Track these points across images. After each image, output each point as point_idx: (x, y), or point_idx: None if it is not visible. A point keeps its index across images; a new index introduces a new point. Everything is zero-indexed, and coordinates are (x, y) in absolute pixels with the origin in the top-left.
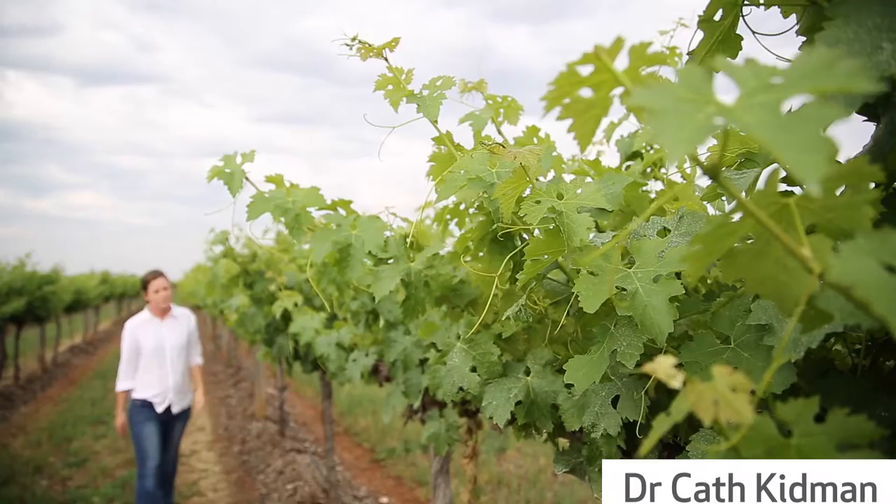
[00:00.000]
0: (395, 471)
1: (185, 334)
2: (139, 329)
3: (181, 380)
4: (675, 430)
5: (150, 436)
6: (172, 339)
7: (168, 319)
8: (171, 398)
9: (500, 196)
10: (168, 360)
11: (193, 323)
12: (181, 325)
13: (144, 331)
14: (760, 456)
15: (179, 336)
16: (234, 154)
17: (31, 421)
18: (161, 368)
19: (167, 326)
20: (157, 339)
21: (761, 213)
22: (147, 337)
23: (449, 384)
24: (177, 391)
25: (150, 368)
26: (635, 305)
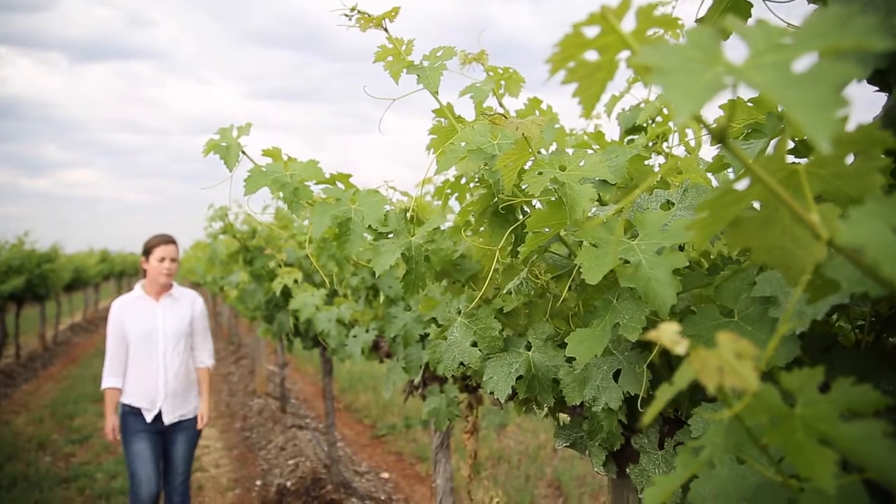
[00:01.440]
0: (395, 447)
1: (187, 320)
2: (126, 310)
3: (178, 379)
4: (675, 404)
5: (140, 455)
6: (168, 323)
7: (164, 299)
8: (162, 403)
9: (501, 168)
10: (160, 350)
11: (200, 308)
12: (182, 308)
13: (133, 312)
14: (764, 424)
15: (178, 321)
16: (230, 127)
17: (33, 398)
18: (150, 362)
19: (162, 307)
20: (148, 322)
21: (770, 179)
22: (135, 320)
23: (449, 359)
24: (171, 394)
25: (137, 362)
26: (638, 277)
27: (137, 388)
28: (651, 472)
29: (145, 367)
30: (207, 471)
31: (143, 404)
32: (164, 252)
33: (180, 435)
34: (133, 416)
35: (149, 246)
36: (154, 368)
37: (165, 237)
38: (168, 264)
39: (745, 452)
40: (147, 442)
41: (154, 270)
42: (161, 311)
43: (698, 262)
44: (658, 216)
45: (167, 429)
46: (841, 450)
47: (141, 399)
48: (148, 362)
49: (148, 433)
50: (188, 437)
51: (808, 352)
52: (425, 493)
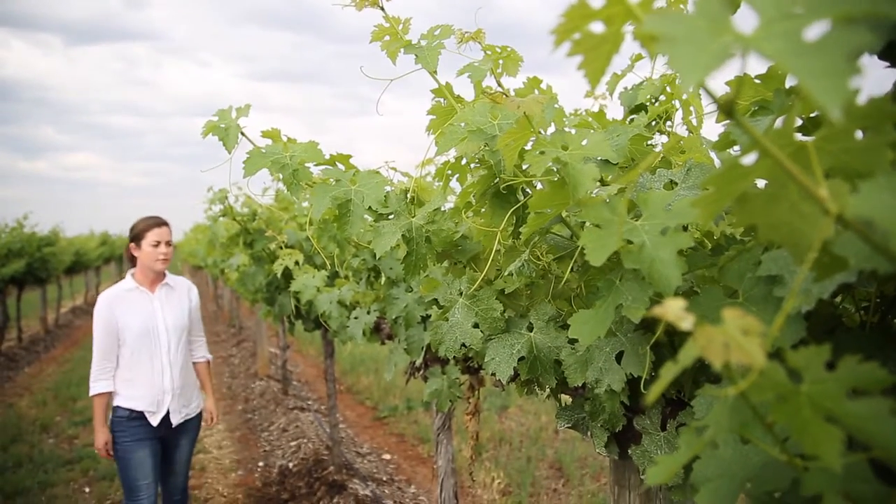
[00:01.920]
0: (397, 428)
1: (186, 311)
2: (119, 304)
3: (183, 376)
4: (678, 385)
5: (142, 465)
6: (169, 317)
7: (161, 289)
8: (170, 404)
9: (502, 147)
10: (164, 347)
11: (196, 298)
12: (180, 298)
13: (127, 307)
14: (769, 402)
15: (179, 314)
16: (229, 108)
17: (35, 381)
18: (154, 361)
19: (161, 299)
20: (148, 317)
21: (778, 152)
22: (132, 315)
23: (451, 340)
24: (178, 393)
25: (137, 362)
26: (642, 258)
27: (138, 390)
28: (653, 453)
29: (147, 366)
30: (210, 452)
31: (148, 407)
32: (157, 235)
33: (184, 436)
34: (132, 421)
35: (139, 230)
36: (158, 367)
37: (157, 219)
38: (164, 249)
39: (750, 431)
40: (150, 450)
41: (148, 257)
42: (160, 304)
43: (701, 244)
44: (662, 196)
45: (171, 432)
46: (847, 427)
47: (144, 402)
48: (150, 361)
49: (151, 440)
50: (192, 437)
51: (813, 333)
52: (427, 473)
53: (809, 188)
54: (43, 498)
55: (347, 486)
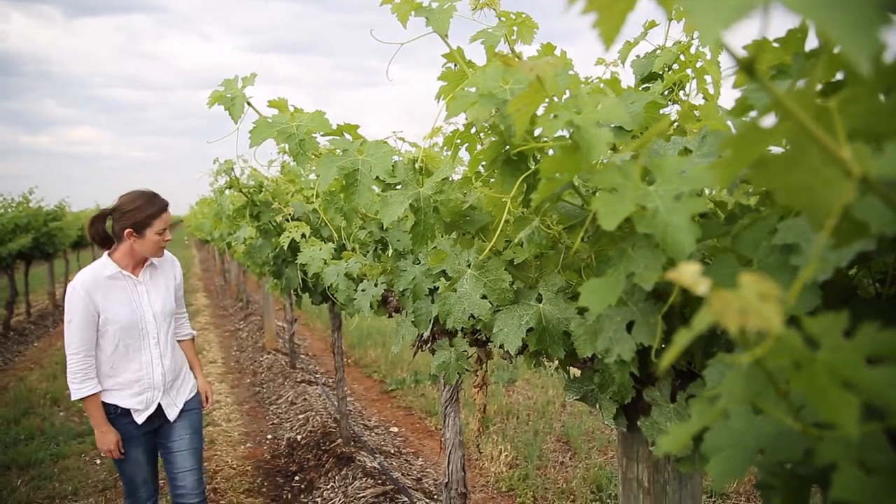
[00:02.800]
0: (405, 401)
1: (172, 292)
2: (99, 293)
3: (174, 366)
4: (689, 356)
5: (136, 463)
6: (156, 303)
7: (146, 271)
8: (160, 397)
9: (513, 111)
10: (153, 339)
11: (180, 273)
12: (166, 277)
13: (109, 295)
14: (785, 370)
15: (165, 297)
16: (235, 78)
17: (45, 355)
18: (142, 355)
19: (146, 283)
20: (133, 307)
21: (801, 111)
22: (114, 306)
23: (459, 311)
24: (169, 386)
25: (122, 358)
26: (655, 224)
27: (124, 386)
28: (662, 425)
29: (133, 360)
30: (219, 425)
31: (135, 405)
32: (164, 222)
33: (183, 424)
34: (120, 419)
35: (145, 217)
36: (146, 360)
37: (162, 201)
38: (168, 235)
39: (764, 401)
40: (143, 447)
41: (151, 247)
42: (145, 290)
43: (715, 214)
44: (676, 161)
45: (165, 423)
46: (865, 395)
47: (131, 399)
48: (137, 355)
49: (144, 436)
50: (193, 423)
51: (828, 303)
52: (434, 446)
53: (832, 150)
54: (55, 469)
55: (355, 459)
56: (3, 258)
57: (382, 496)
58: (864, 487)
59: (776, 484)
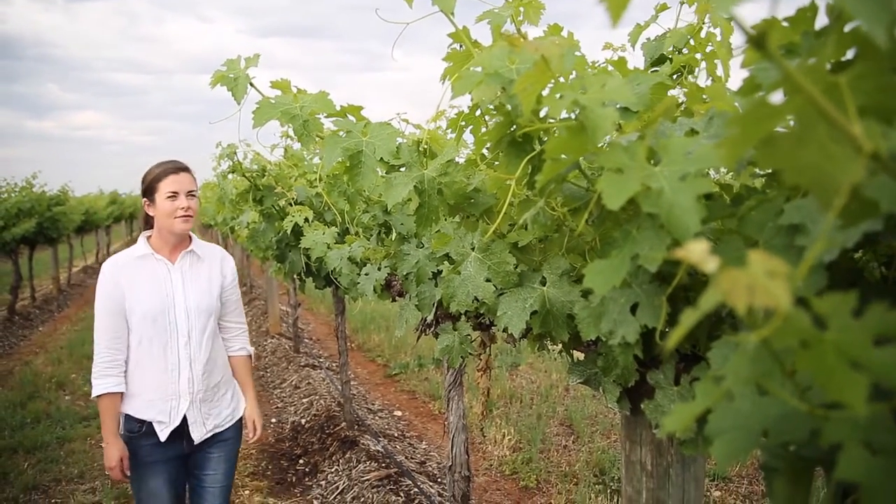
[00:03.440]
0: (408, 385)
1: (216, 290)
2: (127, 274)
3: (208, 377)
4: (693, 339)
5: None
6: (191, 295)
7: (183, 258)
8: (188, 411)
9: (519, 91)
10: (182, 336)
11: (232, 272)
12: (210, 272)
13: (137, 278)
14: (792, 350)
15: (205, 291)
16: (238, 59)
17: (50, 340)
18: (168, 354)
19: (183, 272)
20: (162, 294)
21: (811, 86)
22: (142, 290)
23: (463, 294)
24: (198, 399)
25: (146, 355)
26: (661, 204)
27: (146, 392)
28: (666, 408)
29: (158, 360)
30: None
31: (156, 415)
32: (175, 184)
33: (215, 452)
34: (144, 438)
35: (152, 180)
36: (174, 362)
37: (173, 162)
38: (184, 201)
39: (770, 381)
40: (165, 476)
41: (164, 214)
42: (180, 278)
43: (721, 196)
44: (682, 142)
45: (195, 449)
46: (874, 375)
47: (152, 409)
48: (163, 354)
49: (167, 462)
50: (227, 456)
51: (834, 286)
52: (438, 430)
53: (842, 125)
54: (61, 452)
55: (359, 442)
56: (7, 243)
57: (386, 479)
58: (870, 467)
59: (780, 466)
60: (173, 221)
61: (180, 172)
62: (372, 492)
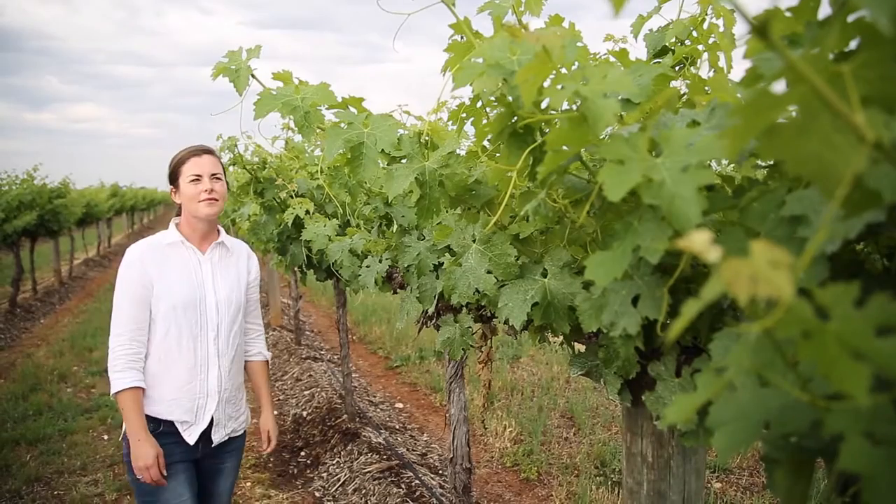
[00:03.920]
0: (409, 378)
1: (244, 285)
2: (156, 262)
3: (233, 376)
4: (694, 332)
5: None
6: (224, 288)
7: (214, 250)
8: (214, 412)
9: (520, 82)
10: (213, 330)
11: (256, 270)
12: (238, 266)
13: (167, 265)
14: (794, 341)
15: (234, 285)
16: (239, 50)
17: (52, 332)
18: (197, 347)
19: (211, 262)
20: (194, 284)
21: (813, 74)
22: (173, 278)
23: (464, 286)
24: (225, 397)
25: (174, 348)
26: (662, 195)
27: (171, 390)
28: (667, 400)
29: (187, 355)
30: None
31: (184, 416)
32: (197, 167)
33: (227, 461)
34: (162, 437)
35: (175, 165)
36: (203, 357)
37: (196, 146)
38: (207, 184)
39: (771, 372)
40: (185, 476)
41: (189, 199)
42: (210, 269)
43: (722, 188)
44: (684, 133)
45: (211, 452)
46: (876, 365)
47: (179, 408)
48: (192, 348)
49: (185, 463)
50: (236, 464)
51: (836, 278)
52: (439, 422)
53: (845, 114)
54: (63, 445)
55: (361, 434)
56: (9, 235)
57: (388, 471)
58: (871, 458)
59: (781, 457)
60: (198, 206)
61: (203, 155)
62: (373, 484)
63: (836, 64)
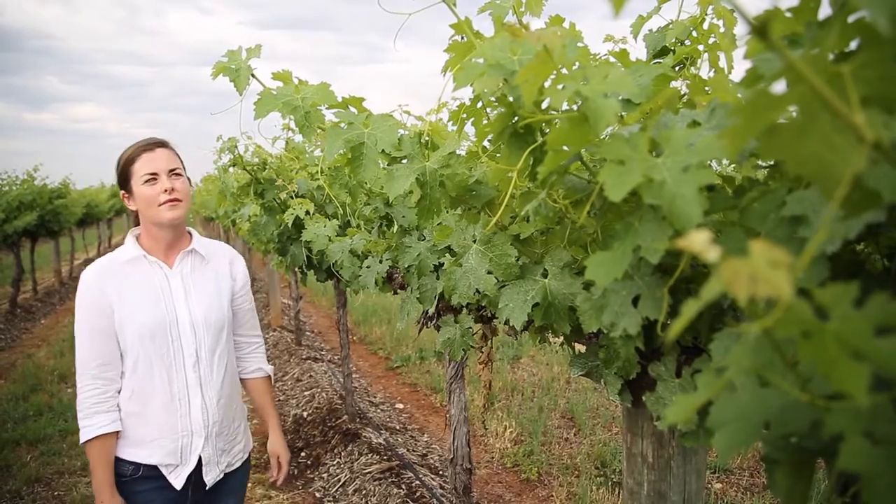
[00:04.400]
0: (410, 378)
1: (226, 297)
2: (115, 283)
3: (223, 405)
4: (695, 332)
5: None
6: (200, 304)
7: (184, 260)
8: (203, 451)
9: (521, 82)
10: (190, 357)
11: (243, 275)
12: (218, 275)
13: (130, 287)
14: (793, 341)
15: (215, 300)
16: (239, 49)
17: (52, 332)
18: (173, 379)
19: (184, 276)
20: (164, 306)
21: (813, 74)
22: (133, 300)
23: (464, 287)
24: (215, 432)
25: (146, 382)
26: (663, 195)
27: (150, 431)
28: (667, 400)
29: (162, 389)
30: None
31: (165, 458)
32: (151, 164)
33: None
34: (141, 483)
35: (124, 164)
36: (180, 388)
37: (146, 139)
38: (166, 182)
39: (771, 372)
40: None
41: (146, 203)
42: (181, 284)
43: (723, 188)
44: (684, 134)
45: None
46: (876, 365)
47: (159, 450)
48: (167, 379)
49: None
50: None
51: (836, 278)
52: (440, 422)
53: (845, 115)
54: (63, 445)
55: (361, 435)
56: (9, 236)
57: (388, 472)
58: (871, 458)
59: (781, 457)
60: (158, 210)
61: (156, 149)
62: (374, 484)
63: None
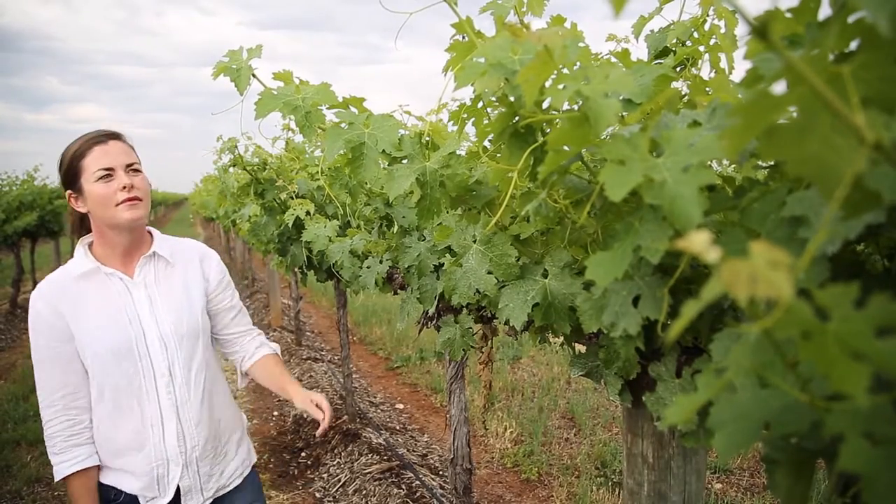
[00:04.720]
0: (410, 378)
1: (200, 301)
2: (68, 301)
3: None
4: (695, 332)
5: None
6: (169, 316)
7: (145, 266)
8: (180, 479)
9: (522, 82)
10: (161, 377)
11: (217, 270)
12: (186, 278)
13: (86, 305)
14: (794, 341)
15: (185, 308)
16: (240, 49)
17: None
18: (144, 403)
19: (148, 286)
20: (127, 321)
21: (813, 75)
22: (92, 319)
23: (464, 287)
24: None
25: (115, 409)
26: (663, 195)
27: (119, 461)
28: (668, 400)
29: (131, 415)
30: None
31: (141, 489)
32: (105, 158)
33: None
34: None
35: (71, 160)
36: (152, 413)
37: (97, 132)
38: (124, 179)
39: (771, 372)
40: None
41: (100, 204)
42: (145, 295)
43: (723, 188)
44: (685, 134)
45: None
46: (876, 365)
47: (134, 481)
48: (137, 405)
49: None
50: None
51: (836, 278)
52: (440, 423)
53: (845, 115)
54: None
55: (361, 435)
56: (9, 236)
57: (388, 472)
58: (871, 458)
59: (781, 458)
60: (115, 211)
61: (109, 141)
62: (374, 484)
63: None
